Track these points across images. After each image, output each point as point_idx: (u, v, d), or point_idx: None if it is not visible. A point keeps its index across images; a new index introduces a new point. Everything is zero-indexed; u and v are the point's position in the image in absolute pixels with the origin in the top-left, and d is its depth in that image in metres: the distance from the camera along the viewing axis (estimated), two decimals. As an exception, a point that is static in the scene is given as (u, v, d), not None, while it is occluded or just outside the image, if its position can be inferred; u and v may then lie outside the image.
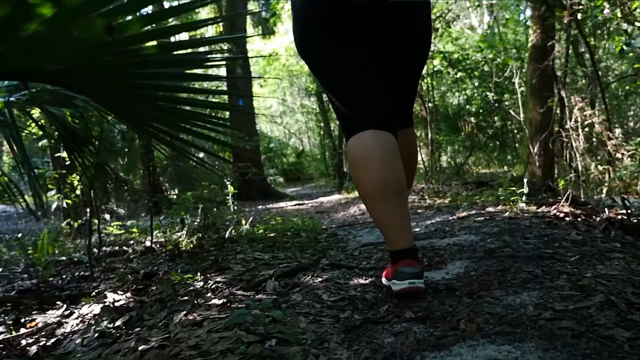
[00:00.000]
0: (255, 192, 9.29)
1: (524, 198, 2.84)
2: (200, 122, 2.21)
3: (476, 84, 11.35)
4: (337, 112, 1.54)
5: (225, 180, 5.22)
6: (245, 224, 4.24)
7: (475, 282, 1.54)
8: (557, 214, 2.41)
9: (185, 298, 1.68)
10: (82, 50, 1.46)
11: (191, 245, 3.61)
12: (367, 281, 1.72)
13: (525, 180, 3.07)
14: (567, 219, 2.30)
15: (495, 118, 11.52)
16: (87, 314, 1.88)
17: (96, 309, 1.87)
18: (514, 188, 3.10)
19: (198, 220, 4.75)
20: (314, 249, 2.39)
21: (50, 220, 7.25)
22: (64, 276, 3.04)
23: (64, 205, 5.32)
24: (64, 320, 1.91)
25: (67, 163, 3.52)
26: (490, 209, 3.00)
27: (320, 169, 14.16)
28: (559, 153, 6.17)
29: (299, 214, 6.53)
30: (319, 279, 1.79)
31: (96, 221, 4.41)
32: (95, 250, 4.41)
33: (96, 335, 1.60)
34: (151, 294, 1.91)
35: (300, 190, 12.44)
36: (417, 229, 2.75)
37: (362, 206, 6.22)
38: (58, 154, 4.61)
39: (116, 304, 1.84)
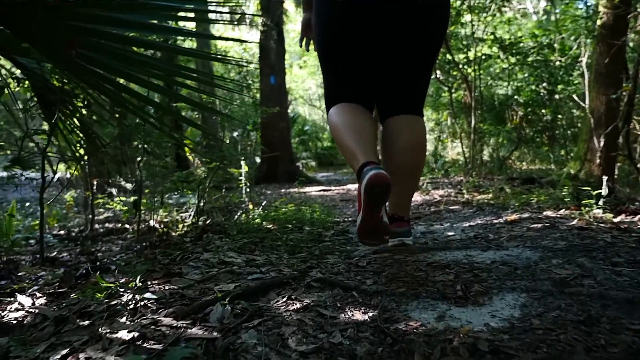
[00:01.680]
0: (283, 175, 8.74)
1: (600, 202, 2.11)
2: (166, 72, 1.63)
3: (526, 74, 10.33)
4: (324, 90, 1.72)
5: (240, 159, 4.66)
6: (258, 209, 3.69)
7: (543, 344, 0.89)
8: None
9: (86, 323, 1.10)
10: None
11: (184, 230, 3.10)
12: (366, 316, 1.10)
13: (604, 180, 2.34)
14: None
15: (544, 111, 10.48)
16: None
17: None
18: (581, 188, 2.37)
19: (203, 202, 4.24)
20: (309, 252, 1.77)
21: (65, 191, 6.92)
22: (23, 258, 2.55)
23: (67, 175, 4.90)
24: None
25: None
26: (548, 213, 2.29)
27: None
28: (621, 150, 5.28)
29: (319, 201, 5.93)
30: (297, 305, 1.17)
31: (89, 194, 3.93)
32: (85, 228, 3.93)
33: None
34: (65, 303, 1.34)
35: (331, 175, 11.81)
36: (450, 233, 2.09)
37: (392, 197, 5.54)
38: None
39: (12, 314, 1.29)
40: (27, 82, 2.59)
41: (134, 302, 1.20)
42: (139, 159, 3.38)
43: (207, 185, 3.81)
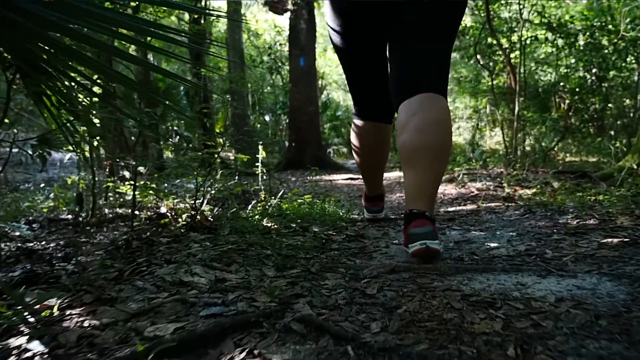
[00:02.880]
0: (310, 161, 8.30)
1: None
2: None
3: (573, 60, 9.45)
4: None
5: (259, 143, 4.24)
6: (274, 199, 3.29)
7: None
8: None
9: None
10: None
11: (185, 221, 2.73)
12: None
13: None
14: None
15: (593, 99, 9.57)
16: None
17: None
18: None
19: (214, 189, 3.87)
20: (304, 268, 1.33)
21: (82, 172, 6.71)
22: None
23: (75, 156, 4.62)
24: None
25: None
26: (623, 221, 1.76)
27: (386, 143, 12.88)
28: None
29: (345, 190, 5.47)
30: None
31: (91, 178, 3.62)
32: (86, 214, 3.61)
33: None
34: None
35: (362, 163, 11.32)
36: (493, 244, 1.60)
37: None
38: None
39: None
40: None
41: (16, 352, 0.79)
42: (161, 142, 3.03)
43: (214, 168, 3.44)
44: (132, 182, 4.09)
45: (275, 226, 1.95)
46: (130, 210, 3.72)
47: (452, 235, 1.80)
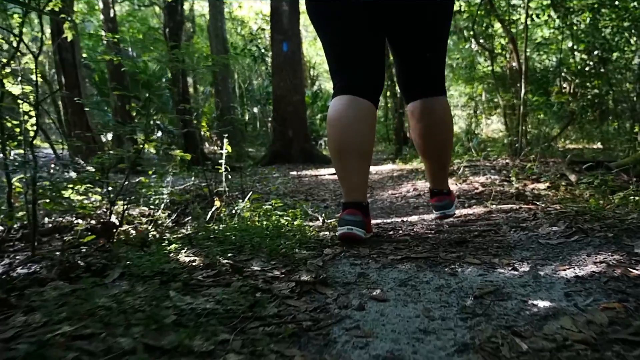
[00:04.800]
0: (297, 154, 7.60)
1: None
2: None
3: (570, 43, 8.71)
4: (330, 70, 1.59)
5: (224, 136, 3.53)
6: (234, 206, 2.62)
7: None
8: None
9: None
10: None
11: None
12: None
13: None
14: None
15: (594, 83, 8.83)
16: None
17: None
18: None
19: (165, 193, 3.23)
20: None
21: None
22: None
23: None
24: None
25: None
26: None
27: (379, 132, 12.18)
28: None
29: (331, 187, 4.76)
30: None
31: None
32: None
33: None
34: None
35: (353, 154, 10.61)
36: (540, 303, 0.91)
37: (419, 185, 4.33)
38: None
39: None
40: None
41: None
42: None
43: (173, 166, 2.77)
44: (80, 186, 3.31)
45: (200, 261, 1.26)
46: (76, 219, 3.01)
47: (468, 277, 1.10)
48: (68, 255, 1.53)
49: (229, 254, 1.32)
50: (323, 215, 2.66)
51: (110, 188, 2.31)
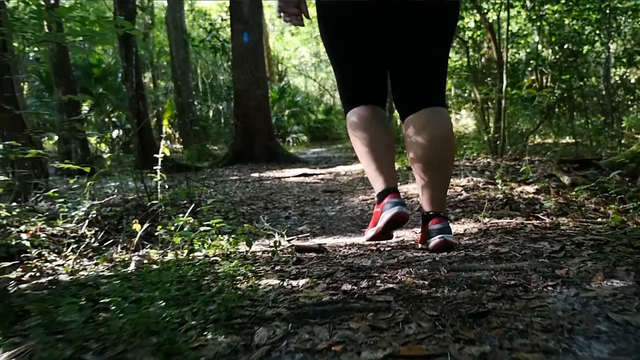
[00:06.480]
0: (261, 153, 6.96)
1: None
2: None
3: (537, 38, 8.38)
4: (339, 90, 1.69)
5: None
6: (184, 216, 2.03)
7: None
8: None
9: None
10: None
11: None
12: None
13: None
14: None
15: (564, 77, 8.52)
16: None
17: None
18: None
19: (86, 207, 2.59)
20: None
21: None
22: None
23: None
24: None
25: None
26: None
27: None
28: None
29: (295, 192, 4.17)
30: None
31: None
32: None
33: None
34: None
35: (322, 152, 10.01)
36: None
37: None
38: None
39: None
40: None
41: None
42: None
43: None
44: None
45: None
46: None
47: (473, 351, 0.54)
48: None
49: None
50: (282, 231, 2.07)
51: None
